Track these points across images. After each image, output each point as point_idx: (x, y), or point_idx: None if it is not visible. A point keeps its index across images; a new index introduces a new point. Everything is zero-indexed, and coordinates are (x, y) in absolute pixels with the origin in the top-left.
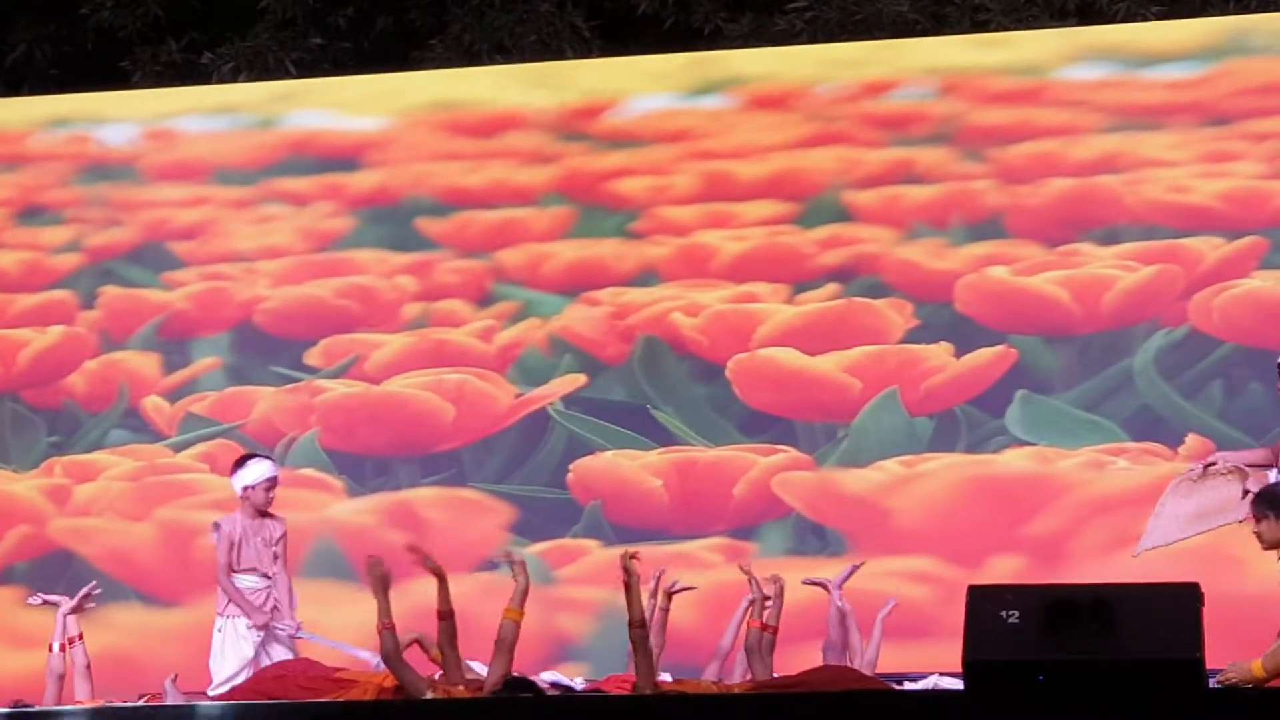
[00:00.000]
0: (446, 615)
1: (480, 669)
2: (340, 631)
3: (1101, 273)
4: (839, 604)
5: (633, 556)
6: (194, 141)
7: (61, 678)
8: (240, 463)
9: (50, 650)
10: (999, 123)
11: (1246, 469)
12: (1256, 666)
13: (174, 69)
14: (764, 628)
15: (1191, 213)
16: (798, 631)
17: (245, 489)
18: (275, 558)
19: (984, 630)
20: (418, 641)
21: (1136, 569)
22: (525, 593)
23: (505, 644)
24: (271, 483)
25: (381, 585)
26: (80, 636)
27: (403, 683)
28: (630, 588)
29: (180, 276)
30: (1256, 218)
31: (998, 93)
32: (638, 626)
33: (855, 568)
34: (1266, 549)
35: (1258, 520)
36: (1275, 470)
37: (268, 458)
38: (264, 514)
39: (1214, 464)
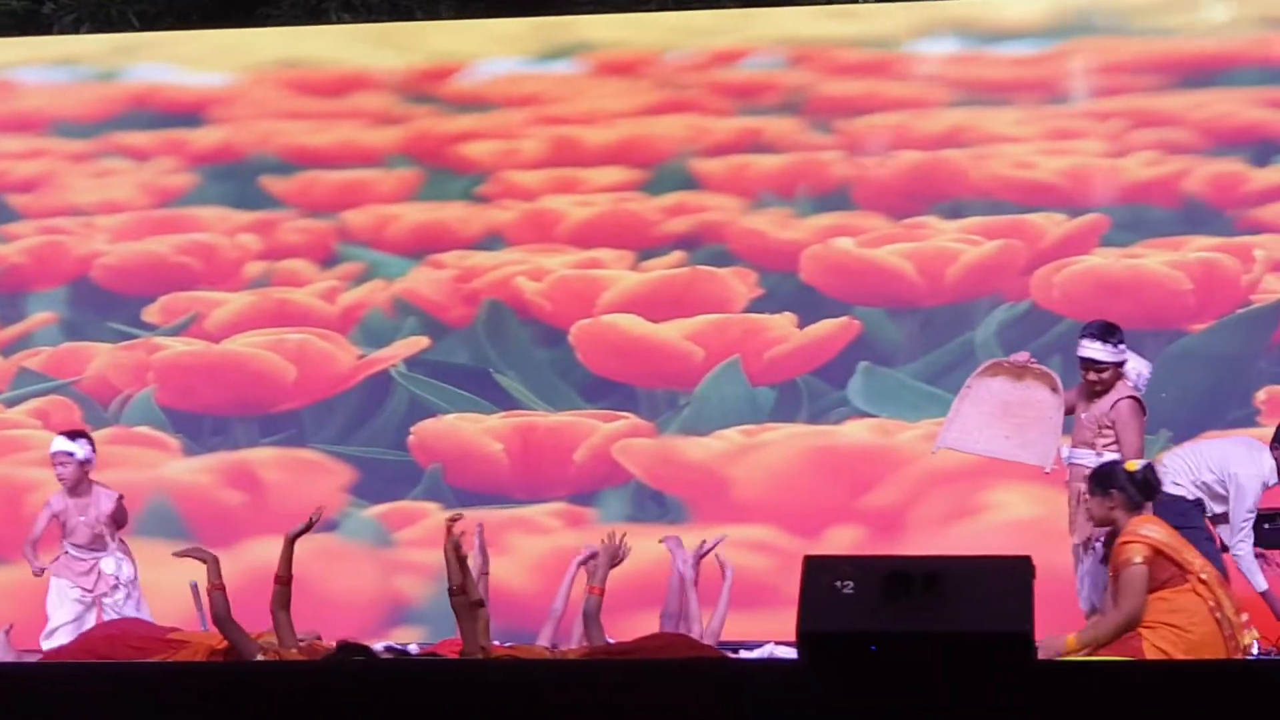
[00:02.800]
0: (285, 580)
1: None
2: (172, 590)
3: (946, 246)
4: (681, 570)
5: (454, 520)
6: (33, 93)
7: None
8: None
9: None
10: (847, 94)
11: (1057, 380)
12: (1070, 640)
13: (14, 18)
14: (596, 591)
15: (1035, 189)
16: (640, 598)
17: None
18: (100, 535)
19: (819, 600)
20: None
21: (972, 542)
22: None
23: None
24: (55, 458)
25: (206, 554)
26: None
27: (234, 644)
28: (449, 553)
29: (16, 229)
30: (1099, 195)
31: (847, 64)
32: (458, 594)
33: (717, 541)
34: (1096, 525)
35: (1089, 496)
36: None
37: (69, 433)
38: (79, 490)
39: (1032, 360)
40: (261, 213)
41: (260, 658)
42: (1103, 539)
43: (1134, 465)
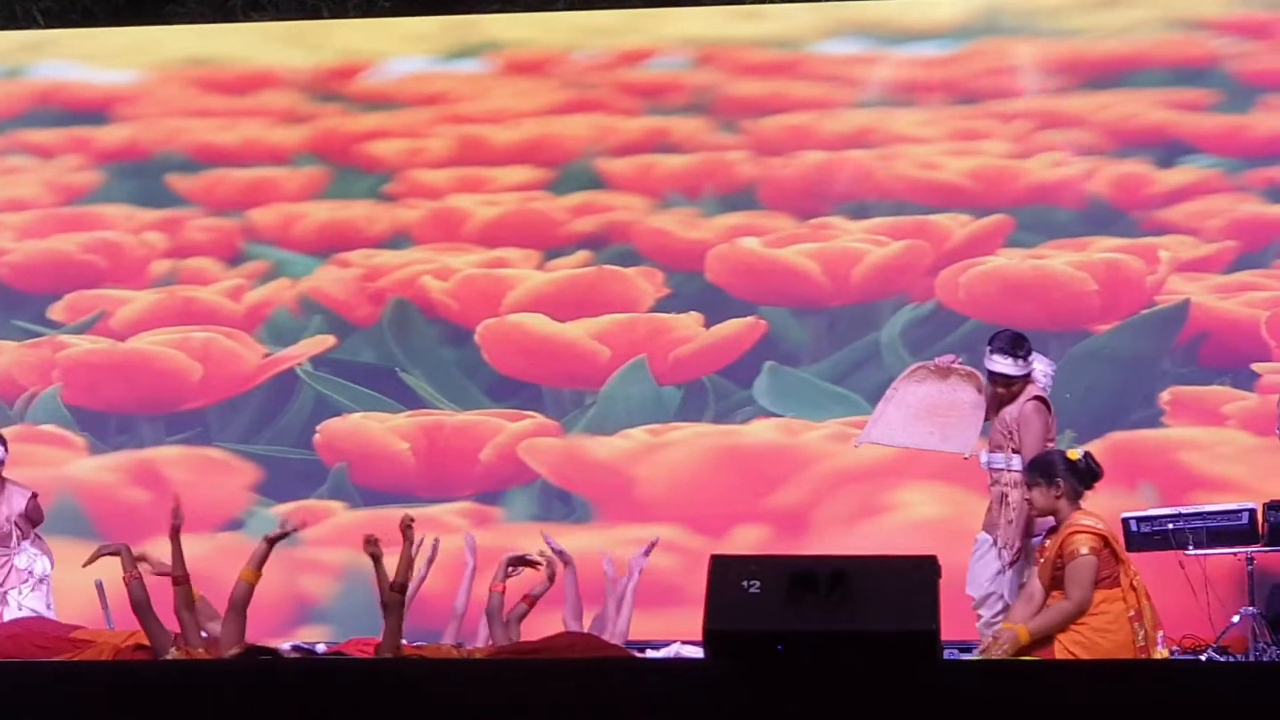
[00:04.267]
0: (182, 579)
1: None
2: (79, 590)
3: (851, 246)
4: (608, 571)
5: (410, 523)
6: None
7: None
8: None
9: None
10: (754, 94)
11: (982, 380)
12: (1022, 632)
13: None
14: (498, 589)
15: (940, 189)
16: (552, 599)
17: None
18: (9, 533)
19: (725, 600)
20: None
21: (882, 542)
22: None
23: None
24: None
25: (112, 547)
26: None
27: (149, 635)
28: (406, 551)
29: None
30: (1003, 196)
31: (753, 64)
32: (399, 591)
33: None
34: (1037, 516)
35: (1029, 488)
36: None
37: None
38: None
39: (956, 361)
40: (167, 211)
41: (172, 652)
42: (1014, 546)
43: (1074, 453)
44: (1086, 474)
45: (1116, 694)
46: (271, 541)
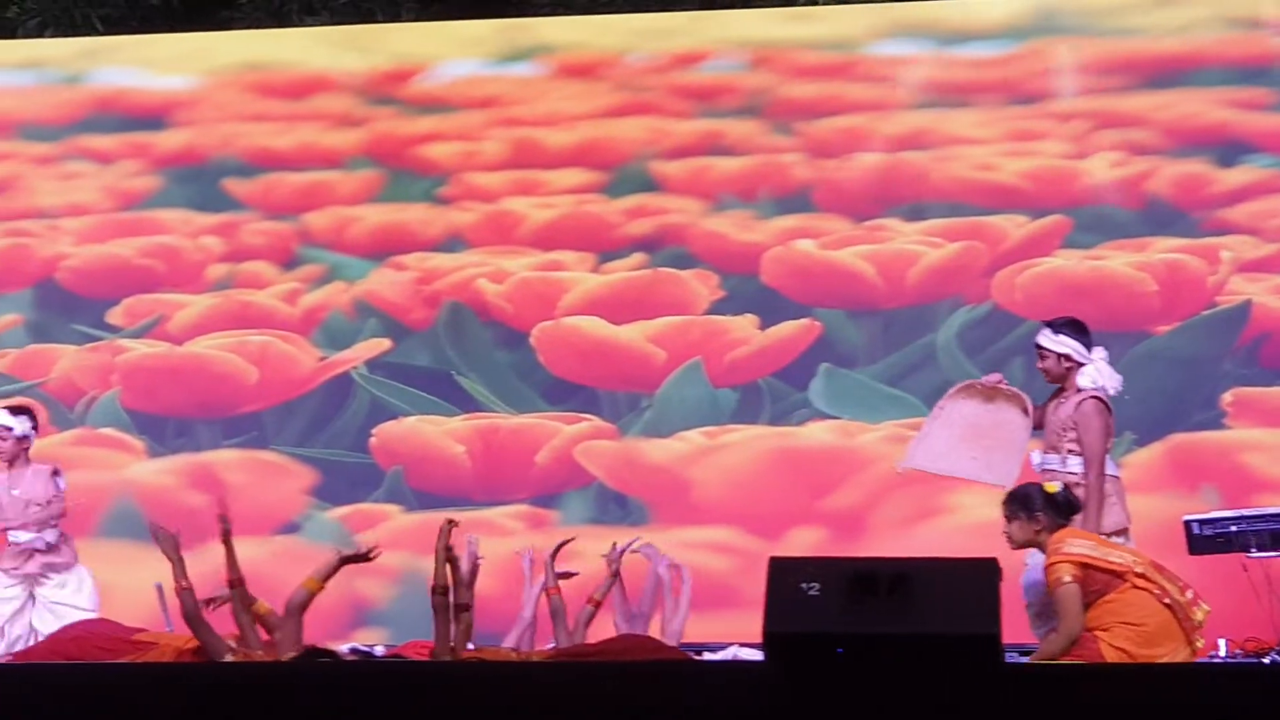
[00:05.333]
0: (237, 582)
1: None
2: (137, 592)
3: (907, 248)
4: (661, 574)
5: (453, 523)
6: None
7: None
8: None
9: None
10: (808, 96)
11: (1027, 401)
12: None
13: None
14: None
15: (997, 191)
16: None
17: None
18: (30, 510)
19: (784, 602)
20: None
21: (938, 544)
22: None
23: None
24: None
25: (171, 547)
26: None
27: (203, 643)
28: (439, 553)
29: None
30: (1060, 197)
31: (808, 66)
32: (440, 594)
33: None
34: (1015, 549)
35: (1009, 521)
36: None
37: (11, 408)
38: (15, 465)
39: (1003, 381)
40: (224, 215)
41: (229, 658)
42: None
43: (1053, 487)
44: (1065, 507)
45: (1177, 696)
46: (344, 560)
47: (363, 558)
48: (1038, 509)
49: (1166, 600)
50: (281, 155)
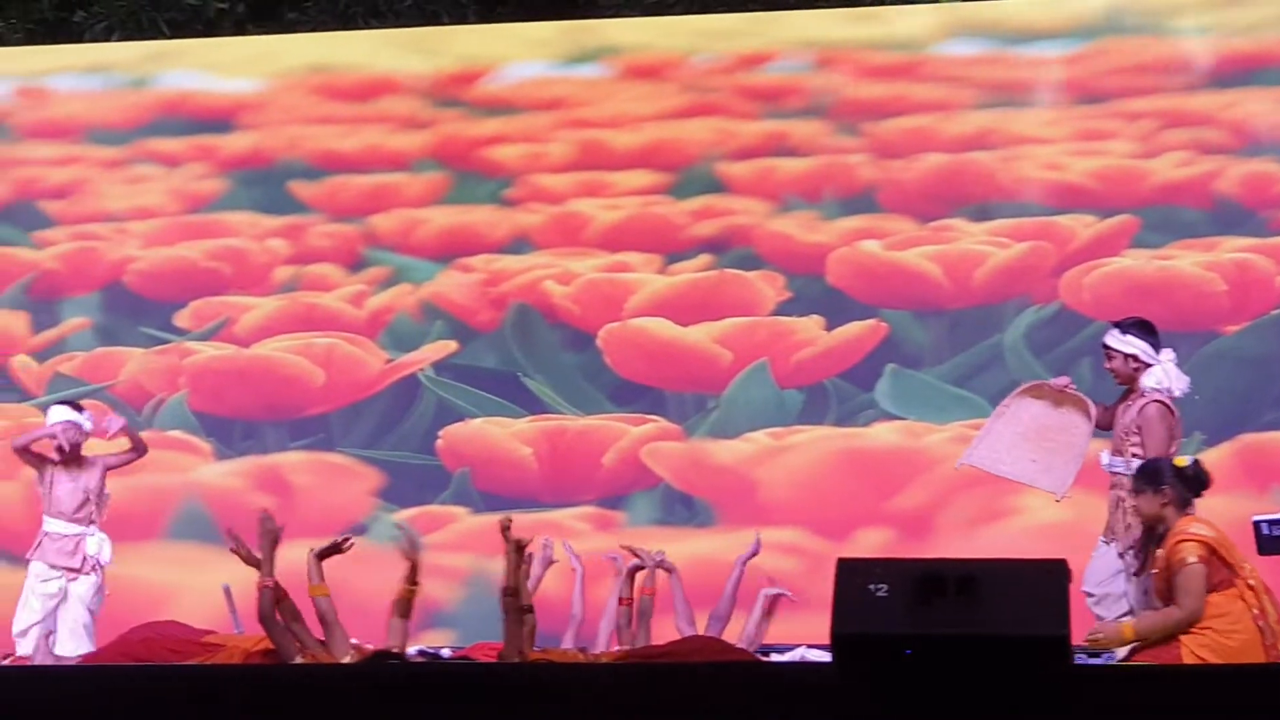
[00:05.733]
0: (284, 594)
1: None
2: (205, 594)
3: (973, 248)
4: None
5: (507, 524)
6: (66, 100)
7: None
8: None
9: None
10: (874, 97)
11: (1091, 407)
12: (1127, 629)
13: (45, 26)
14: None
15: (1064, 190)
16: (667, 602)
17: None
18: (85, 504)
19: (852, 603)
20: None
21: (1005, 545)
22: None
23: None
24: (59, 429)
25: (270, 542)
26: None
27: (276, 644)
28: (506, 555)
29: (50, 235)
30: (1128, 196)
31: (873, 67)
32: (509, 595)
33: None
34: (1144, 524)
35: (1136, 494)
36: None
37: (69, 403)
38: (78, 460)
39: (1070, 386)
40: (290, 217)
41: (299, 660)
42: (1134, 549)
43: (1182, 461)
44: (1194, 481)
45: (1248, 698)
46: (320, 555)
47: (336, 549)
48: (1165, 482)
49: (1261, 621)
50: (347, 158)
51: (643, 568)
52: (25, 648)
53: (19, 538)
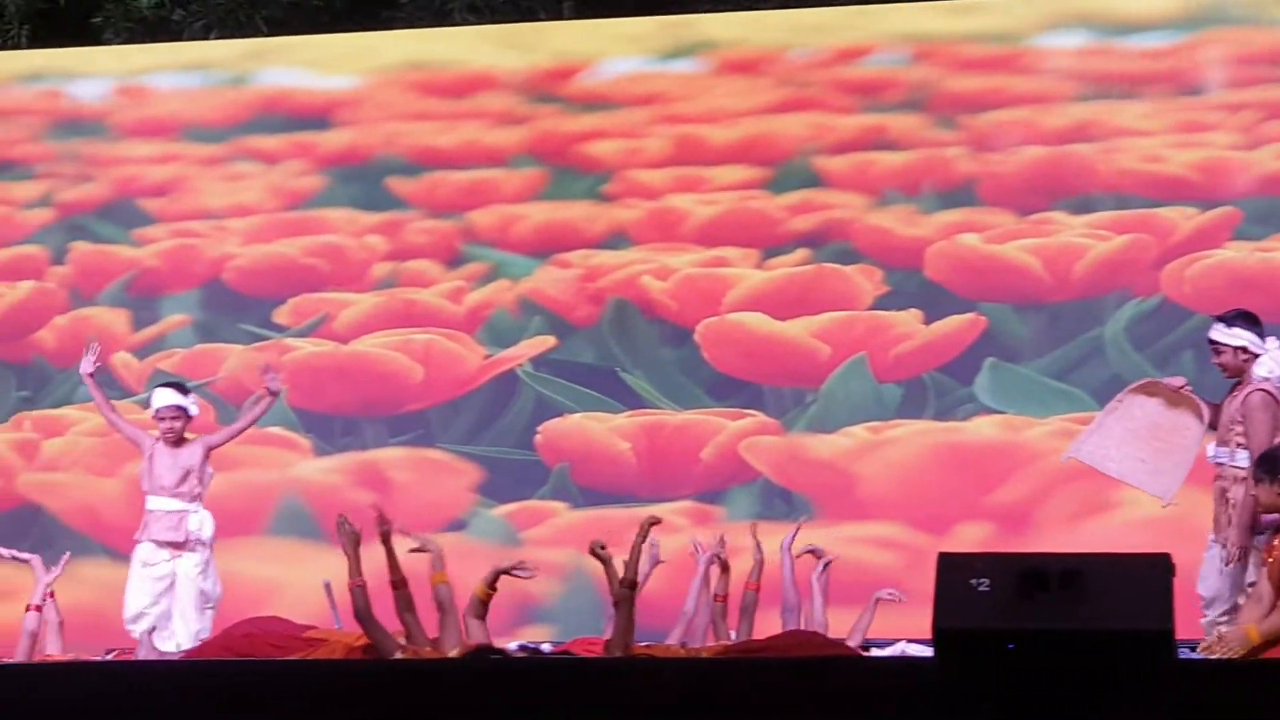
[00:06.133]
0: (400, 584)
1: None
2: (305, 589)
3: (1073, 241)
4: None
5: (655, 522)
6: (165, 98)
7: (34, 634)
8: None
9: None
10: (972, 90)
11: (1203, 407)
12: (1251, 631)
13: (145, 25)
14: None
15: (1165, 182)
16: (768, 597)
17: (154, 419)
18: (188, 477)
19: (954, 598)
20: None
21: (1106, 539)
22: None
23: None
24: (163, 413)
25: (352, 543)
26: (52, 594)
27: (374, 641)
28: (637, 546)
29: (150, 233)
30: (1230, 188)
31: (971, 60)
32: (628, 586)
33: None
34: (1263, 513)
35: (1256, 483)
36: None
37: (175, 385)
38: (178, 443)
39: (1186, 387)
40: (388, 214)
41: (398, 656)
42: (1235, 543)
43: None
44: None
45: None
46: (500, 572)
47: (515, 571)
48: None
49: None
50: (445, 154)
51: (720, 562)
52: (138, 630)
53: (123, 534)
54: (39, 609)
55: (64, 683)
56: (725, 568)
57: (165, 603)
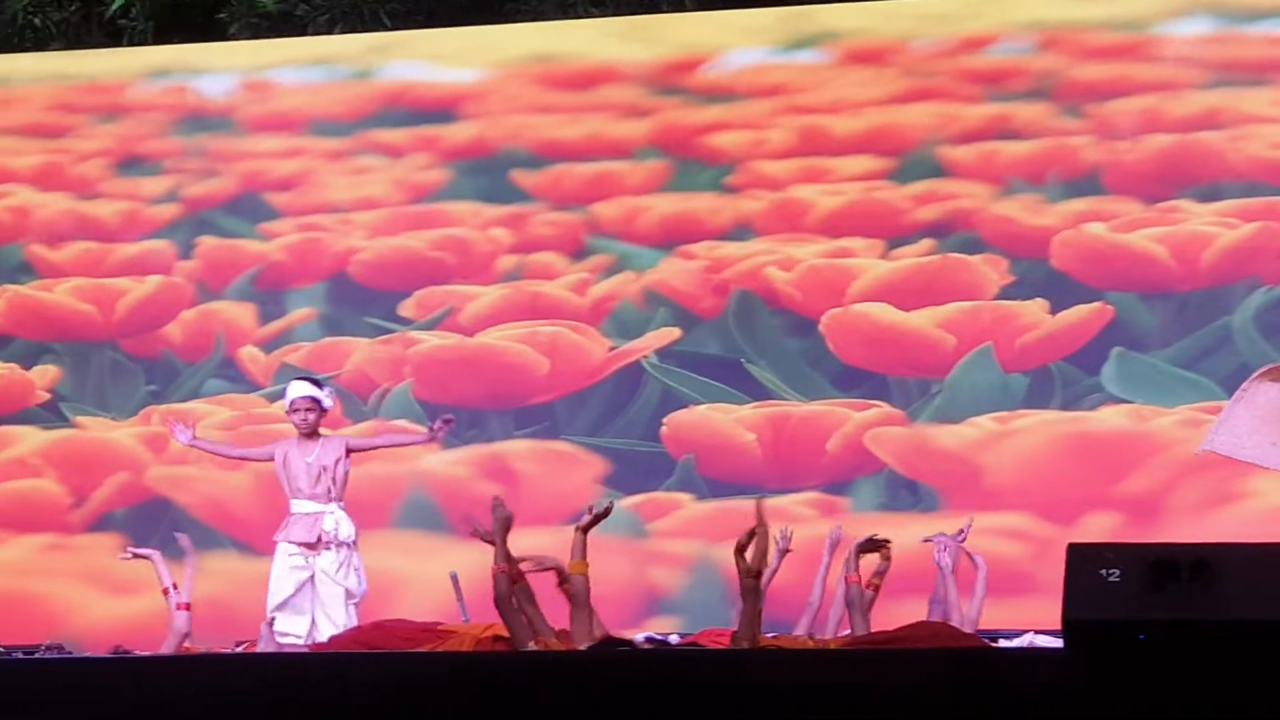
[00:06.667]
0: (520, 576)
1: None
2: (431, 583)
3: (1201, 230)
4: (938, 560)
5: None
6: (290, 93)
7: (185, 635)
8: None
9: (166, 592)
10: (1098, 78)
11: None
12: None
13: (269, 20)
14: (866, 584)
15: None
16: (900, 587)
17: (287, 413)
18: (322, 477)
19: (1084, 588)
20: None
21: (1236, 529)
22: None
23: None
24: (297, 404)
25: (503, 527)
26: (176, 586)
27: (510, 630)
28: (758, 535)
29: (276, 227)
30: None
31: (1098, 48)
32: (755, 576)
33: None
34: None
35: None
36: None
37: (309, 379)
38: (313, 436)
39: None
40: (513, 206)
41: (531, 646)
42: None
43: None
44: None
45: None
46: (585, 530)
47: (601, 517)
48: None
49: None
50: (569, 146)
51: (871, 541)
52: (283, 623)
53: (251, 528)
54: (188, 607)
55: (193, 674)
56: (884, 555)
57: (308, 595)
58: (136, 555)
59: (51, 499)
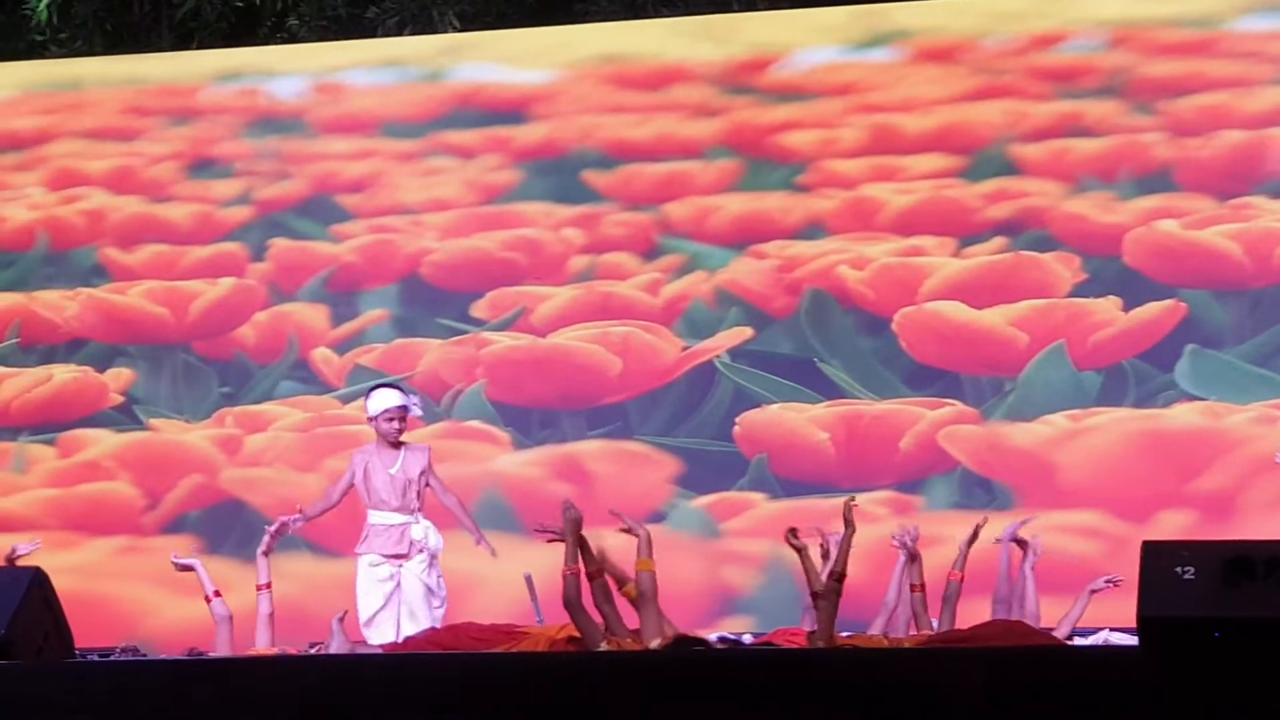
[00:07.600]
0: (596, 574)
1: None
2: (505, 583)
3: (1273, 226)
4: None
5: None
6: (362, 95)
7: (228, 619)
8: (369, 392)
9: (208, 599)
10: (1170, 75)
11: None
12: None
13: (339, 23)
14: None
15: None
16: (967, 585)
17: (370, 420)
18: (407, 490)
19: (1159, 586)
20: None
21: None
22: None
23: (649, 597)
24: (391, 413)
25: (573, 529)
26: (269, 585)
27: (581, 631)
28: (845, 539)
29: (348, 229)
30: None
31: (1168, 44)
32: (836, 579)
33: (1022, 523)
34: None
35: None
36: None
37: (395, 386)
38: (396, 445)
39: None
40: (584, 207)
41: (604, 647)
42: None
43: None
44: None
45: None
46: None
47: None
48: None
49: None
50: (640, 146)
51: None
52: (375, 636)
53: (324, 529)
54: (219, 594)
55: (267, 676)
56: (914, 557)
57: (395, 603)
58: (181, 568)
59: (126, 501)
